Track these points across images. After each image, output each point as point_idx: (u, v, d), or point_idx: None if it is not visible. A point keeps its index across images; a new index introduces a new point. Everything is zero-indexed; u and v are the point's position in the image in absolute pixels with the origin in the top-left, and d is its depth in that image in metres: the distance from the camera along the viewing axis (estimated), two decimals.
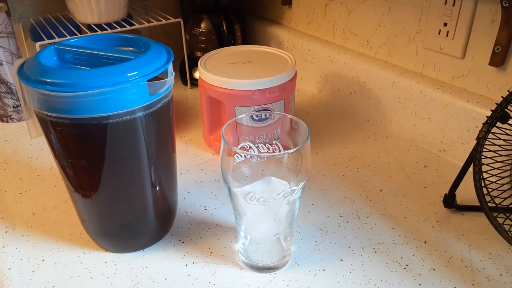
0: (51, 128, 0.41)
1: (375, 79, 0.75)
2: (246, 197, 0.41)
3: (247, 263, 0.48)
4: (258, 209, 0.42)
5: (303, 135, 0.43)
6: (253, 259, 0.47)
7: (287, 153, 0.41)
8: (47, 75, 0.39)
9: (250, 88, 0.60)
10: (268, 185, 0.43)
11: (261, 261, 0.47)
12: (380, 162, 0.66)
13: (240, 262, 0.48)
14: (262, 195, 0.41)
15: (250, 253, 0.47)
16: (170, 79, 0.44)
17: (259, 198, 0.41)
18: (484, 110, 0.60)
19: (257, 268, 0.47)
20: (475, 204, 0.51)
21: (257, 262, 0.47)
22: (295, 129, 0.45)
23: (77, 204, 0.47)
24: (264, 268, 0.47)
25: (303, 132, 0.43)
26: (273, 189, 0.42)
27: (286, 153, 0.41)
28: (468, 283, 0.45)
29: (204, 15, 0.88)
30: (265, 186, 0.43)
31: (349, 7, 0.80)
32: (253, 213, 0.43)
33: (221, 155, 0.42)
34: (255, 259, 0.47)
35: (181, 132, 0.75)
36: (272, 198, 0.41)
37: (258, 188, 0.43)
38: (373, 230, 0.53)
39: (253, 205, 0.42)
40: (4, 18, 0.71)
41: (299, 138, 0.45)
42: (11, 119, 0.79)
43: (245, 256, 0.48)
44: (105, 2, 0.79)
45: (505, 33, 0.57)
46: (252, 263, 0.47)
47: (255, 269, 0.47)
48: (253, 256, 0.47)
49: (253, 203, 0.42)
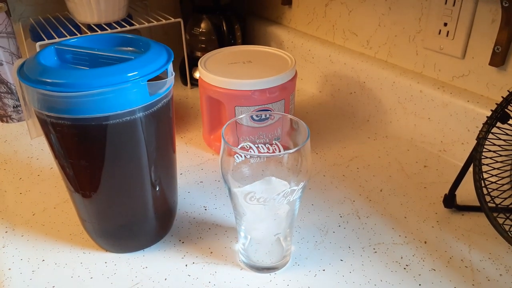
0: (51, 128, 0.41)
1: (375, 79, 0.75)
2: (246, 197, 0.41)
3: (247, 263, 0.48)
4: (258, 209, 0.42)
5: (303, 135, 0.43)
6: (253, 259, 0.47)
7: (287, 153, 0.41)
8: (47, 75, 0.39)
9: (250, 88, 0.60)
10: (268, 185, 0.43)
11: (261, 261, 0.47)
12: (380, 162, 0.66)
13: (240, 262, 0.48)
14: (262, 195, 0.41)
15: (250, 253, 0.47)
16: (170, 79, 0.44)
17: (259, 198, 0.41)
18: (484, 110, 0.60)
19: (257, 268, 0.47)
20: (475, 204, 0.51)
21: (257, 262, 0.47)
22: (295, 129, 0.45)
23: (77, 204, 0.47)
24: (264, 268, 0.47)
25: (303, 132, 0.43)
26: (273, 189, 0.42)
27: (286, 153, 0.41)
28: (468, 283, 0.45)
29: (204, 15, 0.88)
30: (265, 186, 0.43)
31: (349, 7, 0.80)
32: (253, 213, 0.43)
33: (221, 155, 0.42)
34: (255, 259, 0.47)
35: (181, 132, 0.75)
36: (272, 198, 0.41)
37: (258, 188, 0.42)
38: (373, 230, 0.53)
39: (253, 205, 0.42)
40: (4, 18, 0.71)
41: (299, 138, 0.45)
42: (11, 119, 0.79)
43: (245, 256, 0.48)
44: (105, 2, 0.79)
45: (505, 33, 0.57)
46: (252, 263, 0.47)
47: (255, 269, 0.47)
48: (253, 256, 0.47)
49: (253, 203, 0.42)
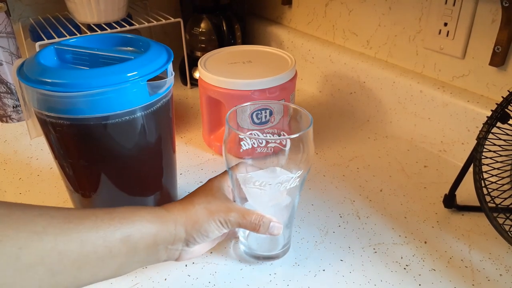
0: (51, 128, 0.41)
1: (375, 79, 0.75)
2: (246, 182, 0.42)
3: (248, 252, 0.48)
4: (258, 195, 0.43)
5: (306, 124, 0.44)
6: (253, 247, 0.48)
7: (289, 138, 0.41)
8: (47, 75, 0.39)
9: (250, 88, 0.60)
10: (272, 174, 0.43)
11: (262, 250, 0.48)
12: (380, 162, 0.66)
13: (243, 254, 0.49)
14: (263, 180, 0.42)
15: (251, 242, 0.48)
16: (170, 79, 0.44)
17: (259, 183, 0.42)
18: (484, 110, 0.60)
19: (257, 257, 0.48)
20: (475, 204, 0.51)
21: (257, 251, 0.48)
22: (298, 121, 0.46)
23: (77, 204, 0.47)
24: (265, 257, 0.48)
25: (305, 121, 0.44)
26: (276, 179, 0.43)
27: (288, 137, 0.41)
28: (468, 283, 0.45)
29: (204, 15, 0.88)
30: (269, 175, 0.43)
31: (349, 7, 0.80)
32: (255, 201, 0.44)
33: (226, 139, 0.43)
34: (255, 248, 0.48)
35: (181, 132, 0.75)
36: (269, 183, 0.41)
37: (262, 175, 0.43)
38: (373, 230, 0.53)
39: (252, 189, 0.43)
40: (4, 18, 0.71)
41: (303, 127, 0.46)
42: (11, 119, 0.79)
43: (246, 246, 0.48)
44: (105, 2, 0.79)
45: (505, 33, 0.56)
46: (253, 252, 0.48)
47: (256, 258, 0.48)
48: (253, 245, 0.48)
49: (250, 187, 0.42)
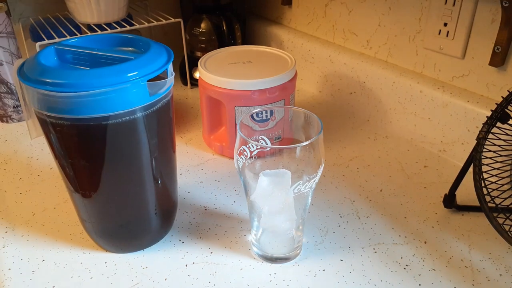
0: (51, 128, 0.41)
1: (375, 79, 0.75)
2: (258, 187, 0.43)
3: (261, 254, 0.49)
4: (272, 201, 0.44)
5: (316, 129, 0.44)
6: (266, 250, 0.48)
7: (300, 146, 0.41)
8: (47, 75, 0.39)
9: (250, 88, 0.60)
10: (282, 178, 0.44)
11: (274, 251, 0.48)
12: (380, 162, 0.66)
13: (253, 254, 0.49)
14: (275, 185, 0.42)
15: (263, 244, 0.49)
16: (170, 79, 0.44)
17: (272, 187, 0.42)
18: (484, 110, 0.60)
19: (269, 259, 0.49)
20: (475, 204, 0.51)
21: (269, 253, 0.48)
22: (308, 122, 0.46)
23: (77, 204, 0.47)
24: (277, 258, 0.48)
25: (316, 126, 0.45)
26: (286, 182, 0.43)
27: (299, 145, 0.42)
28: (468, 283, 0.45)
29: (204, 15, 0.88)
30: (279, 179, 0.44)
31: (349, 7, 0.80)
32: (268, 206, 0.45)
33: (236, 148, 0.43)
34: (267, 250, 0.48)
35: (181, 132, 0.75)
36: (280, 188, 0.42)
37: (273, 176, 0.43)
38: (373, 230, 0.53)
39: (263, 192, 0.43)
40: (4, 18, 0.71)
41: (312, 132, 0.46)
42: (11, 119, 0.79)
43: (258, 247, 0.49)
44: (105, 2, 0.79)
45: (505, 33, 0.56)
46: (265, 254, 0.49)
47: (268, 260, 0.49)
48: (265, 247, 0.48)
49: (261, 191, 0.43)
